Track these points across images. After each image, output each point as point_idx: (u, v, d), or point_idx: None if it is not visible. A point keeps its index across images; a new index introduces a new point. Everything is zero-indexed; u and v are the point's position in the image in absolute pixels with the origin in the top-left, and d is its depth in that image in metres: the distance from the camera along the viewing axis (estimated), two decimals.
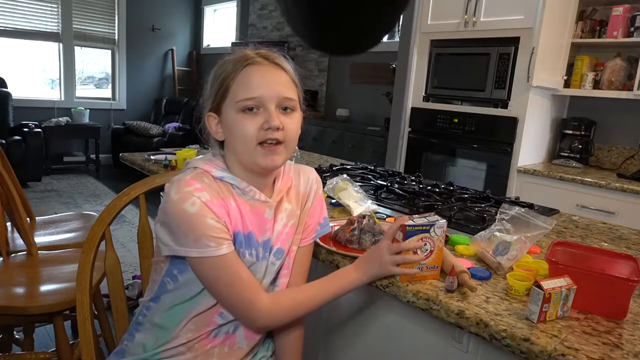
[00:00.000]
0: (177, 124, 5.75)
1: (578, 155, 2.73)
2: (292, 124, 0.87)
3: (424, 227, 0.91)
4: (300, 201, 0.98)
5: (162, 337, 0.90)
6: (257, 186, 0.89)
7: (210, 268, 0.83)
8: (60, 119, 5.40)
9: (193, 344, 0.90)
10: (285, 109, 0.86)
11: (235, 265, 0.84)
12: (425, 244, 0.91)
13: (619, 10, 2.48)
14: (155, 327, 0.91)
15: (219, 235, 0.81)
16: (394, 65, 3.66)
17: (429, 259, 0.92)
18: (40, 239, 1.84)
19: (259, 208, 0.89)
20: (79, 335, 0.99)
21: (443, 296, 0.85)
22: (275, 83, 0.85)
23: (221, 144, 0.91)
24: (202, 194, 0.80)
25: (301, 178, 0.99)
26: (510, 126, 2.58)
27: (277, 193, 0.93)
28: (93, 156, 5.67)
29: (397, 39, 3.67)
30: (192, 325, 0.89)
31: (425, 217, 0.93)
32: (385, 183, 1.68)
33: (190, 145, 2.17)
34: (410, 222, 0.92)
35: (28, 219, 1.89)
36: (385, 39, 1.73)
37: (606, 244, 1.27)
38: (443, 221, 0.92)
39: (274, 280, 0.96)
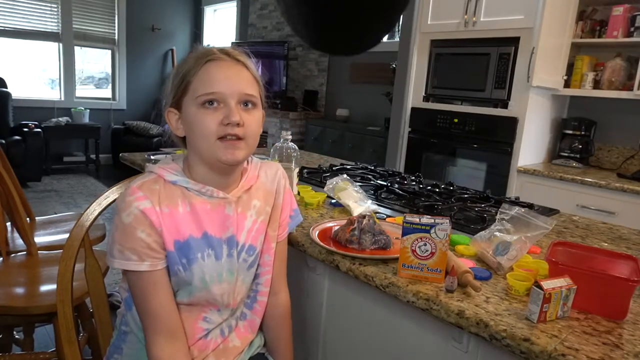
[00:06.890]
0: None
1: (578, 155, 2.72)
2: (253, 120, 0.85)
3: (424, 227, 0.91)
4: (270, 198, 0.97)
5: None
6: (221, 185, 0.88)
7: (130, 280, 0.84)
8: (60, 119, 5.40)
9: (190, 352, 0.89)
10: (246, 104, 0.85)
11: (152, 289, 0.82)
12: (425, 244, 0.92)
13: (619, 10, 2.48)
14: (144, 346, 0.89)
15: (143, 250, 0.80)
16: (394, 65, 3.66)
17: (429, 260, 0.92)
18: (40, 239, 1.84)
19: (219, 205, 0.88)
20: (63, 347, 0.95)
21: (443, 296, 0.85)
22: (236, 79, 0.84)
23: (183, 141, 0.89)
24: (142, 202, 0.79)
25: (268, 175, 0.98)
26: (510, 126, 2.57)
27: (238, 189, 0.91)
28: (93, 156, 5.67)
29: (397, 39, 3.67)
30: None
31: (433, 219, 0.93)
32: (385, 183, 1.68)
33: None
34: (409, 219, 0.92)
35: (28, 219, 1.89)
36: (385, 39, 1.73)
37: (606, 244, 1.27)
38: (446, 224, 0.91)
39: (256, 277, 0.98)
